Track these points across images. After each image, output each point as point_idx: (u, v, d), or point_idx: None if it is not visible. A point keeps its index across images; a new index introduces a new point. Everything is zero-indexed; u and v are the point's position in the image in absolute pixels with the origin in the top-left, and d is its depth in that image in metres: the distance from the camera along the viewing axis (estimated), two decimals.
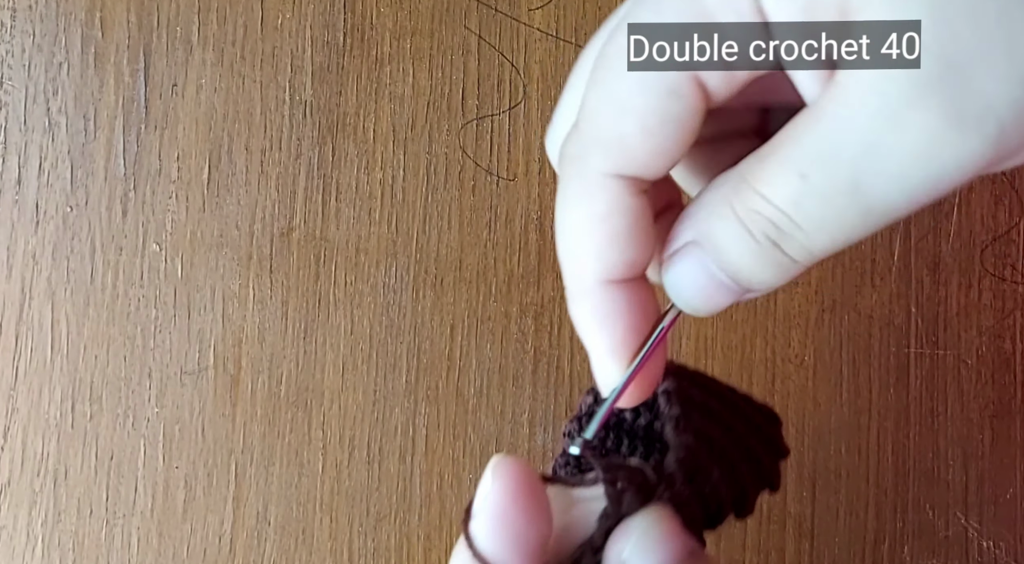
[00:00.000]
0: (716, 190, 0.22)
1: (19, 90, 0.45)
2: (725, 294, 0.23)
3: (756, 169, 0.21)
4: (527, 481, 0.22)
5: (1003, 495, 0.45)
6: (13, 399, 0.44)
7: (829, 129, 0.20)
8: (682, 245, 0.23)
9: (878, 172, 0.19)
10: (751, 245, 0.21)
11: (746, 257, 0.22)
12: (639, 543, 0.22)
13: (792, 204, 0.20)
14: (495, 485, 0.22)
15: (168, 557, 0.44)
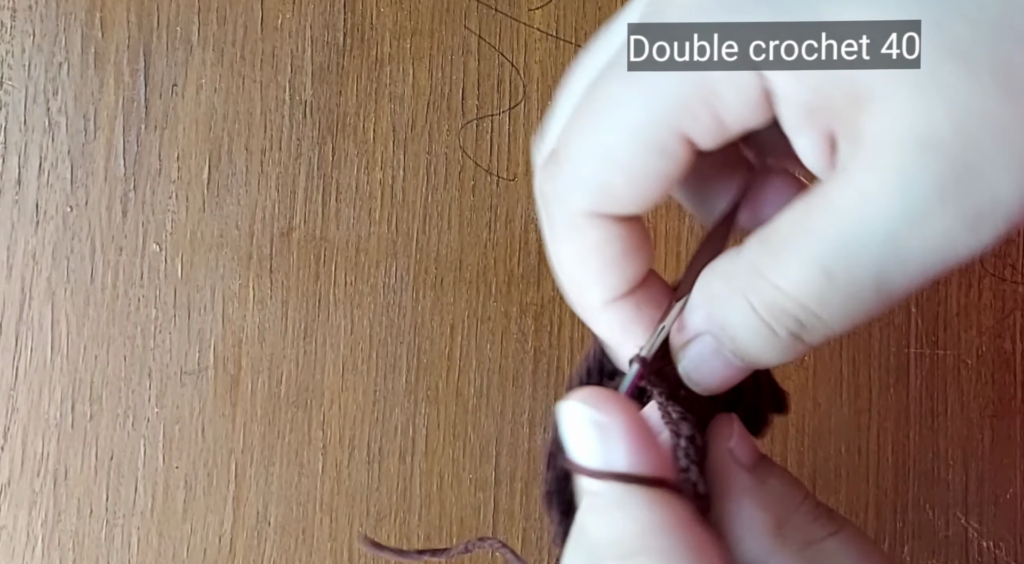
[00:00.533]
0: (725, 280, 0.23)
1: (19, 90, 0.45)
2: (738, 374, 0.24)
3: (772, 263, 0.22)
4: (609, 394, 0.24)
5: (1003, 495, 0.45)
6: (13, 399, 0.44)
7: (851, 227, 0.20)
8: (695, 336, 0.24)
9: (902, 267, 0.20)
10: (772, 338, 0.22)
11: (767, 348, 0.23)
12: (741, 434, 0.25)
13: (817, 301, 0.21)
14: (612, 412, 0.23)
15: (168, 557, 0.44)
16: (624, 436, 0.22)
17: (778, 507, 0.24)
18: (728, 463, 0.24)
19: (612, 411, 0.23)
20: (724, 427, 0.25)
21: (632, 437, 0.22)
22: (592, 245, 0.23)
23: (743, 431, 0.25)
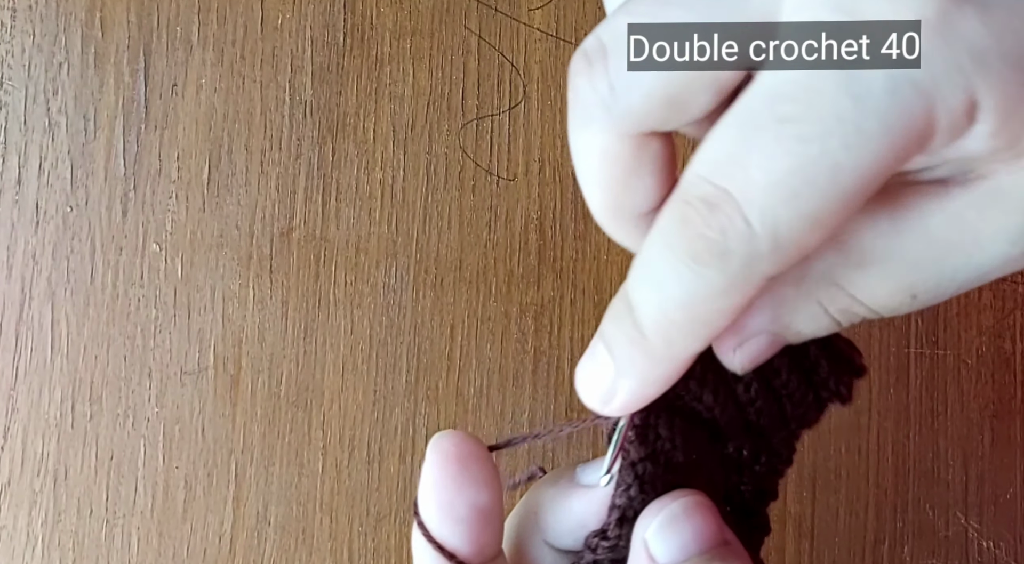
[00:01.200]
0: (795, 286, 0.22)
1: (19, 90, 0.45)
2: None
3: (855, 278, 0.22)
4: (458, 452, 0.24)
5: (1003, 495, 0.45)
6: (13, 399, 0.44)
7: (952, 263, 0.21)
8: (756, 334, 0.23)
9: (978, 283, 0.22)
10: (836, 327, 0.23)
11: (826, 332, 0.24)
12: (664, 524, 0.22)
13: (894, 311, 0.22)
14: (428, 458, 0.24)
15: (168, 557, 0.44)
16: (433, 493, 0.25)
17: None
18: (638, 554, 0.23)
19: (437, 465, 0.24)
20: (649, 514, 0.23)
21: (438, 496, 0.24)
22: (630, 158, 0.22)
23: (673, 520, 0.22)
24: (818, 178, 0.19)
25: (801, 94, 0.19)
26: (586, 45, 0.21)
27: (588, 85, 0.21)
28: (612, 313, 0.22)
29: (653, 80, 0.21)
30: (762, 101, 0.19)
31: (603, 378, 0.22)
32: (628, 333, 0.21)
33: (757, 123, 0.19)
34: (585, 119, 0.22)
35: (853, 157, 0.18)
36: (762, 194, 0.19)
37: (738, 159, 0.19)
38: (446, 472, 0.24)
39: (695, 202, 0.20)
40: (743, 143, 0.19)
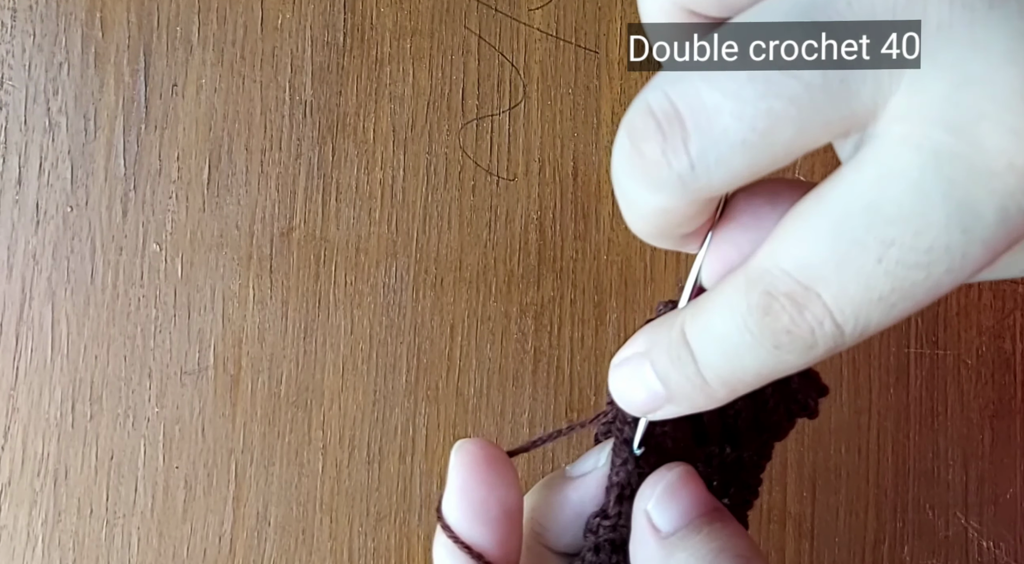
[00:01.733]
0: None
1: (19, 90, 0.45)
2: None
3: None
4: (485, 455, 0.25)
5: (1003, 495, 0.45)
6: (13, 399, 0.44)
7: None
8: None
9: None
10: None
11: None
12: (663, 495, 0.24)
13: None
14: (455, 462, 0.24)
15: (168, 557, 0.44)
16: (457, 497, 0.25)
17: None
18: (642, 527, 0.24)
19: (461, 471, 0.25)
20: (648, 487, 0.24)
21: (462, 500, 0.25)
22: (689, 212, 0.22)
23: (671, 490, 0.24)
24: (917, 294, 0.19)
25: (909, 220, 0.19)
26: (653, 104, 0.20)
27: (660, 156, 0.20)
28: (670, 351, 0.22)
29: (738, 164, 0.20)
30: (863, 215, 0.19)
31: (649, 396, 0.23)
32: (690, 377, 0.22)
33: (857, 238, 0.19)
34: (649, 184, 0.21)
35: (954, 277, 0.19)
36: (857, 305, 0.19)
37: (833, 269, 0.19)
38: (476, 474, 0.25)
39: (781, 298, 0.20)
40: (840, 255, 0.19)
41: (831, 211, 0.19)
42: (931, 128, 0.18)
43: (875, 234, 0.19)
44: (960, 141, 0.18)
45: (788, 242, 0.20)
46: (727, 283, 0.21)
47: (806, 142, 0.19)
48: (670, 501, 0.24)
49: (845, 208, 0.19)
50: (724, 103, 0.19)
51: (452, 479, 0.25)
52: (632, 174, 0.21)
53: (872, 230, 0.19)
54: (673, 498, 0.24)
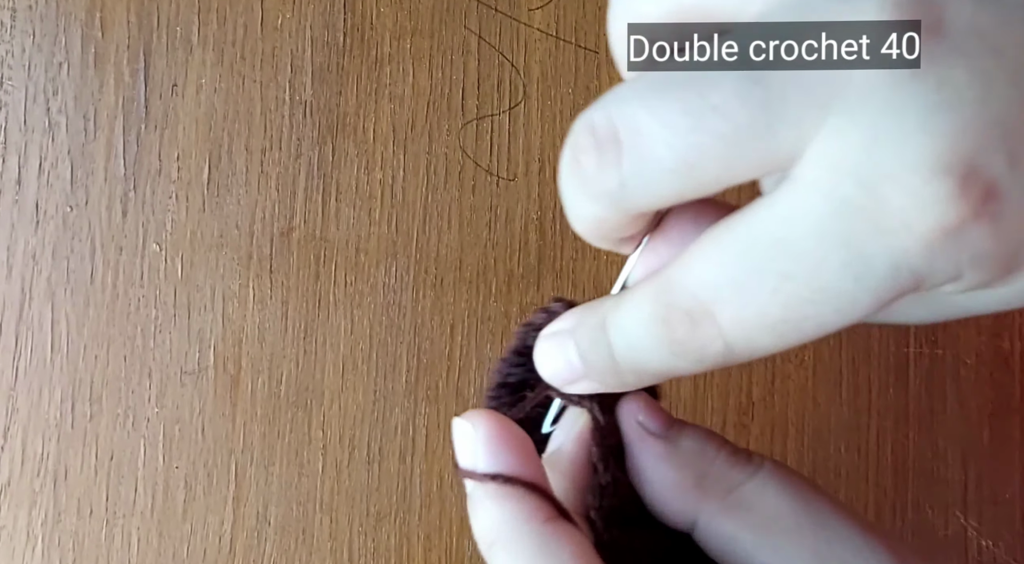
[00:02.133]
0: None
1: (19, 90, 0.45)
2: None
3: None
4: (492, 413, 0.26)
5: (1002, 494, 0.45)
6: (13, 399, 0.44)
7: None
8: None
9: None
10: None
11: None
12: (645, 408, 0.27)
13: None
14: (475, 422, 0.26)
15: (168, 557, 0.44)
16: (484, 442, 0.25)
17: (694, 464, 0.26)
18: (640, 435, 0.27)
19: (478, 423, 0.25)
20: (630, 404, 0.27)
21: (489, 443, 0.25)
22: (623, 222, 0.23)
23: (650, 403, 0.27)
24: (805, 329, 0.21)
25: (807, 259, 0.20)
26: (595, 122, 0.21)
27: (595, 169, 0.21)
28: (591, 335, 0.24)
29: (664, 188, 0.21)
30: (766, 247, 0.20)
31: (568, 370, 0.25)
32: (604, 359, 0.24)
33: (757, 267, 0.20)
34: (585, 194, 0.22)
35: (841, 319, 0.20)
36: (748, 329, 0.21)
37: (731, 293, 0.21)
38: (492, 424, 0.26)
39: (678, 313, 0.22)
40: (739, 280, 0.21)
41: (740, 239, 0.21)
42: (842, 178, 0.19)
43: (775, 266, 0.20)
44: (865, 196, 0.19)
45: (697, 262, 0.21)
46: (642, 287, 0.23)
47: (731, 176, 0.21)
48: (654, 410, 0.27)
49: (753, 239, 0.21)
50: (658, 132, 0.20)
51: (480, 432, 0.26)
52: (571, 183, 0.22)
53: (773, 262, 0.20)
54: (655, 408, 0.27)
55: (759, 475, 0.26)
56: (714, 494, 0.25)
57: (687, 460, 0.26)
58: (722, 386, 0.45)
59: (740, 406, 0.45)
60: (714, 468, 0.26)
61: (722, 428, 0.45)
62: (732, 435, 0.45)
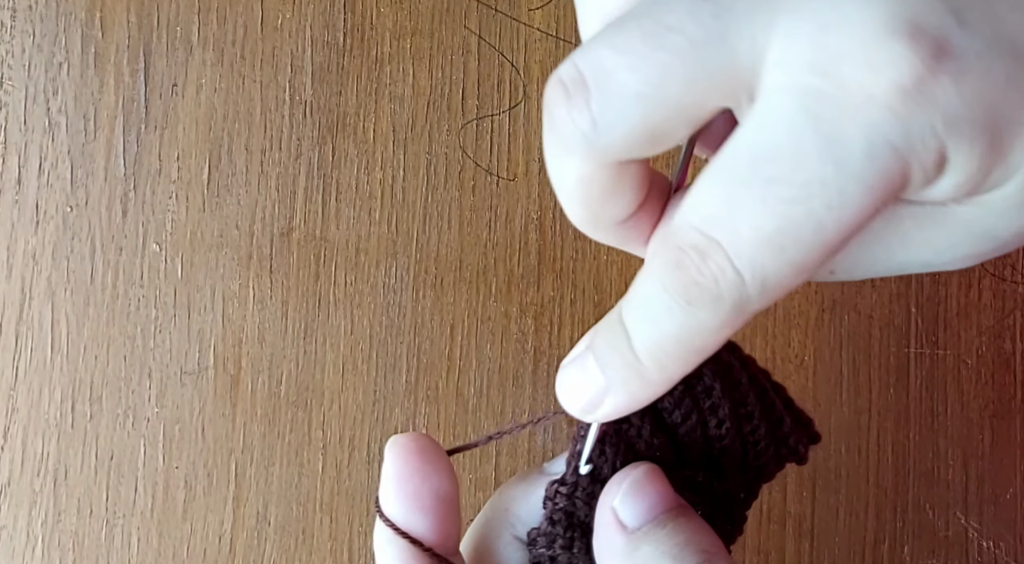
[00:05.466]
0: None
1: (19, 90, 0.45)
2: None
3: None
4: (417, 447, 0.26)
5: (1003, 495, 0.45)
6: (13, 399, 0.44)
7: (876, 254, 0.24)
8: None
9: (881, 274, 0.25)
10: None
11: None
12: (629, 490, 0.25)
13: (812, 277, 0.24)
14: (389, 456, 0.25)
15: (168, 557, 0.44)
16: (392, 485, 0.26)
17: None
18: (608, 524, 0.25)
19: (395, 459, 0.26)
20: (615, 483, 0.25)
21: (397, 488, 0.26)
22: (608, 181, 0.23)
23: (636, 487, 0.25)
24: (803, 234, 0.20)
25: (786, 157, 0.20)
26: (563, 74, 0.22)
27: (567, 117, 0.22)
28: (607, 334, 0.24)
29: (635, 116, 0.21)
30: (748, 159, 0.20)
31: (591, 390, 0.24)
32: (624, 356, 0.23)
33: (744, 180, 0.20)
34: (563, 149, 0.22)
35: (835, 215, 0.20)
36: (750, 248, 0.20)
37: (727, 214, 0.21)
38: (409, 465, 0.26)
39: (688, 250, 0.21)
40: (732, 199, 0.21)
41: (724, 161, 0.21)
42: (800, 72, 0.20)
43: (758, 174, 0.20)
44: (825, 81, 0.19)
45: (693, 196, 0.22)
46: (650, 251, 0.23)
47: (697, 98, 0.21)
48: (636, 497, 0.25)
49: (734, 156, 0.21)
50: (620, 60, 0.21)
51: (387, 471, 0.26)
52: (548, 142, 0.23)
53: (755, 171, 0.20)
54: (639, 494, 0.25)
55: None
56: None
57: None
58: None
59: None
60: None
61: None
62: None
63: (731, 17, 0.20)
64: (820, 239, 0.20)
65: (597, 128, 0.21)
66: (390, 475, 0.26)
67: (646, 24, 0.21)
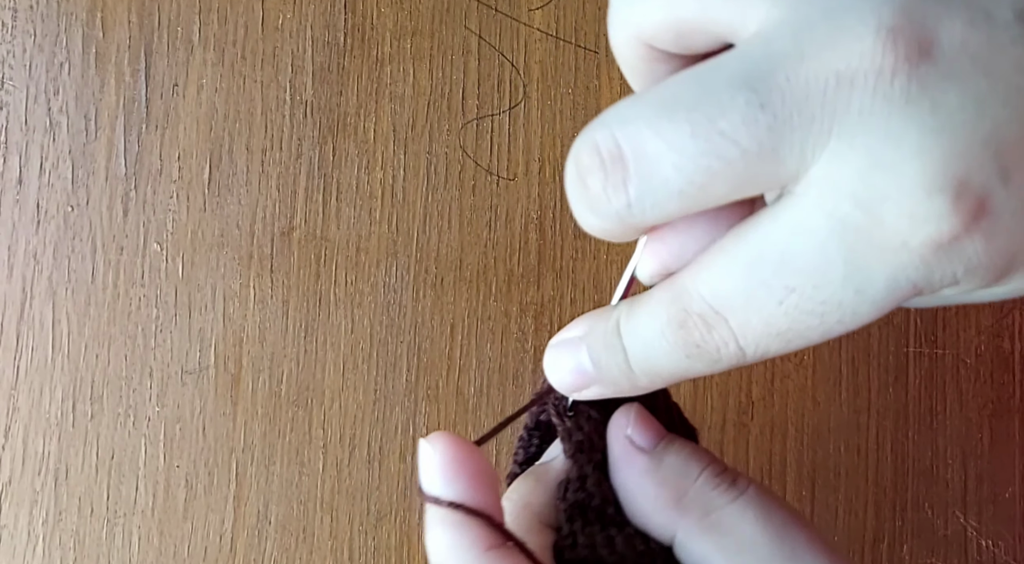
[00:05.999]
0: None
1: (20, 90, 0.45)
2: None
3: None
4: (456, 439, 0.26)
5: (1002, 494, 0.45)
6: (14, 398, 0.44)
7: None
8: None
9: None
10: None
11: None
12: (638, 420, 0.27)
13: None
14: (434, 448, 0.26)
15: (169, 556, 0.44)
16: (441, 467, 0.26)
17: (676, 482, 0.26)
18: (627, 449, 0.27)
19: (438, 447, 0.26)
20: (621, 417, 0.28)
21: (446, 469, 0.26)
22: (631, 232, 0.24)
23: (641, 417, 0.28)
24: (810, 337, 0.22)
25: (811, 274, 0.21)
26: (599, 141, 0.22)
27: (602, 191, 0.22)
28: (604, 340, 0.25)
29: (672, 210, 0.22)
30: (773, 262, 0.21)
31: (580, 377, 0.26)
32: (619, 365, 0.25)
33: (765, 281, 0.21)
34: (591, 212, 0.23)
35: (844, 327, 0.22)
36: (758, 336, 0.22)
37: (742, 303, 0.22)
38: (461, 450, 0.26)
39: (695, 317, 0.23)
40: (749, 293, 0.22)
41: (748, 252, 0.22)
42: (842, 199, 0.20)
43: (781, 280, 0.21)
44: (864, 216, 0.20)
45: (709, 270, 0.23)
46: (656, 292, 0.24)
47: (736, 196, 0.22)
48: (645, 424, 0.27)
49: (760, 252, 0.22)
50: (667, 154, 0.21)
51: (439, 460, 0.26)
52: (578, 200, 0.23)
53: (779, 276, 0.21)
54: (646, 422, 0.28)
55: (741, 500, 0.26)
56: (693, 513, 0.26)
57: (669, 477, 0.27)
58: (722, 386, 0.45)
59: (740, 406, 0.45)
60: (696, 487, 0.26)
61: (722, 428, 0.45)
62: (732, 435, 0.45)
63: (788, 133, 0.20)
64: (823, 339, 0.22)
65: (631, 210, 0.22)
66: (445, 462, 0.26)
67: (698, 121, 0.21)
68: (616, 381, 0.25)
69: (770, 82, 0.20)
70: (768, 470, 0.45)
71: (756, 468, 0.45)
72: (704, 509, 0.26)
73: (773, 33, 0.21)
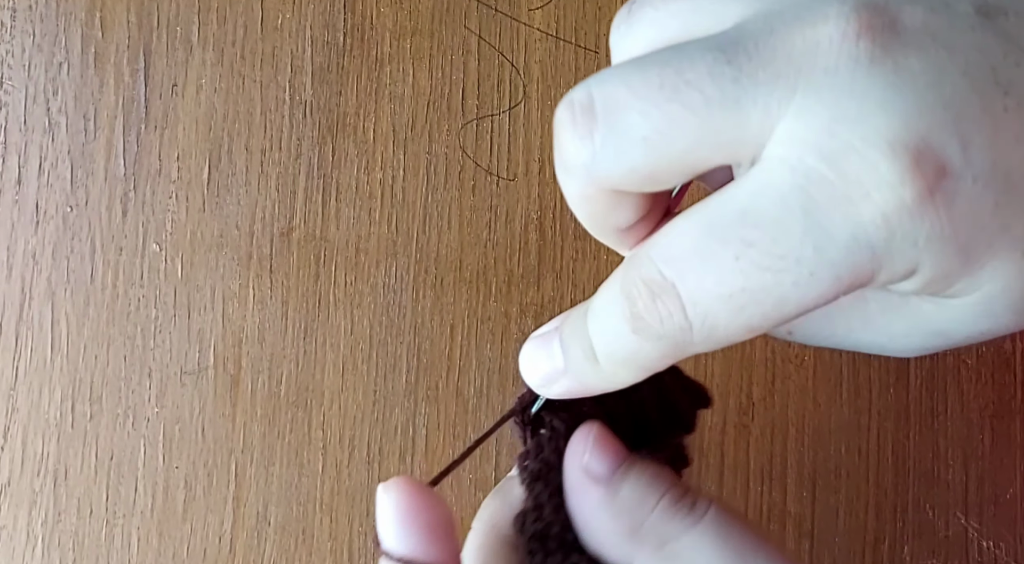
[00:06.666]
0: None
1: (19, 90, 0.45)
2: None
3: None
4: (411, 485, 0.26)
5: (1003, 495, 0.45)
6: (13, 399, 0.44)
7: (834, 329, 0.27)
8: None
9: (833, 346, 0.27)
10: None
11: None
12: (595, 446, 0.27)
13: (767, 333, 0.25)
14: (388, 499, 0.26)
15: (168, 557, 0.44)
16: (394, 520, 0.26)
17: (632, 512, 0.26)
18: (581, 481, 0.26)
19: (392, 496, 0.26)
20: (579, 442, 0.27)
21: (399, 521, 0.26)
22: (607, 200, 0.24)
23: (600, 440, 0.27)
24: (764, 302, 0.21)
25: (770, 227, 0.20)
26: (575, 96, 0.22)
27: (571, 143, 0.22)
28: (575, 325, 0.25)
29: (635, 158, 0.22)
30: (733, 218, 0.21)
31: (549, 369, 0.26)
32: (584, 351, 0.24)
33: (723, 236, 0.21)
34: (566, 170, 0.23)
35: (799, 293, 0.21)
36: (709, 300, 0.21)
37: (694, 261, 0.21)
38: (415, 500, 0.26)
39: (640, 284, 0.22)
40: (703, 249, 0.21)
41: (708, 213, 0.22)
42: (807, 152, 0.20)
43: (738, 234, 0.21)
44: (828, 167, 0.20)
45: (665, 235, 0.22)
46: (618, 267, 0.24)
47: (700, 154, 0.21)
48: (602, 450, 0.26)
49: (720, 211, 0.21)
50: (634, 102, 0.21)
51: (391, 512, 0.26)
52: (555, 156, 0.23)
53: (737, 231, 0.21)
54: (603, 447, 0.27)
55: (699, 527, 0.25)
56: (648, 545, 0.25)
57: (625, 508, 0.26)
58: (722, 386, 0.45)
59: (740, 406, 0.45)
60: (652, 518, 0.26)
61: (722, 428, 0.45)
62: (733, 435, 0.45)
63: (750, 84, 0.21)
64: (777, 310, 0.21)
65: (596, 160, 0.22)
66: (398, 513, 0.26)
67: (666, 73, 0.21)
68: (582, 370, 0.25)
69: (739, 46, 0.21)
70: (768, 471, 0.45)
71: (756, 469, 0.45)
72: (660, 540, 0.25)
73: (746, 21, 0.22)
